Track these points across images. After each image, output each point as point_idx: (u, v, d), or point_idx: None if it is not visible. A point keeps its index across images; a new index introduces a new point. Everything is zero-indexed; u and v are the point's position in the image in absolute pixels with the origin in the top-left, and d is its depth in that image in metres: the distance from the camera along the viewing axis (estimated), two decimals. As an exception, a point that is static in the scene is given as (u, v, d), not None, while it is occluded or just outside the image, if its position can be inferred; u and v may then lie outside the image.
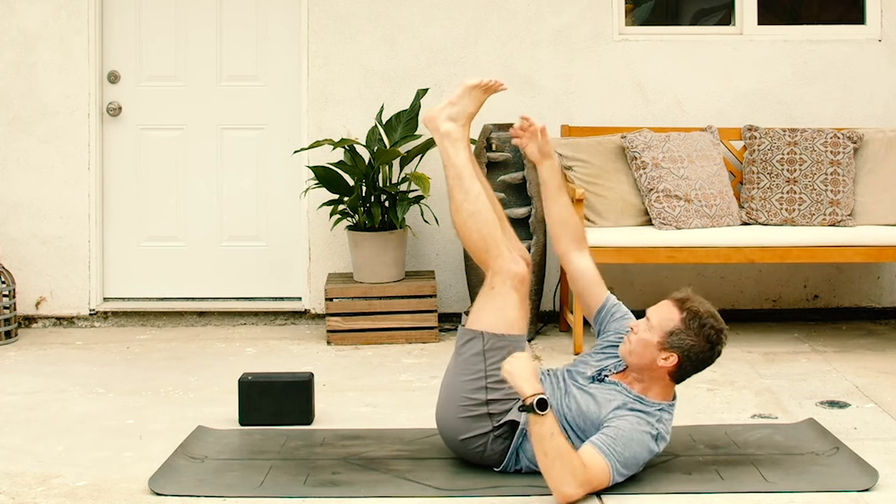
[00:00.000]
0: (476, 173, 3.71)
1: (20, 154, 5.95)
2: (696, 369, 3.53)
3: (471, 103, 3.75)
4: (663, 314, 3.50)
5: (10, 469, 3.69)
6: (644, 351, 3.49)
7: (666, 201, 5.46)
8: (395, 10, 5.96)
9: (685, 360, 3.48)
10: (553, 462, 3.27)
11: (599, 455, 3.35)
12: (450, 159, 3.69)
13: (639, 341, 3.50)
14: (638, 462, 3.43)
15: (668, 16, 6.41)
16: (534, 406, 3.27)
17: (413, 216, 5.85)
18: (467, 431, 3.55)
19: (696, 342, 3.46)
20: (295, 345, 5.54)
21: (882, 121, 5.96)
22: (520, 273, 3.59)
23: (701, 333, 3.46)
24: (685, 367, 3.50)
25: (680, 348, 3.46)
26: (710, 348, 3.49)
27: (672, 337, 3.46)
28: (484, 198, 3.66)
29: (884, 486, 3.47)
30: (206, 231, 6.09)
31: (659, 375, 3.51)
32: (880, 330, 5.80)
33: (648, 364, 3.50)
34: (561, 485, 3.28)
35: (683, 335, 3.46)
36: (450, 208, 3.71)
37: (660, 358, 3.47)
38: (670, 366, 3.48)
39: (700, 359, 3.50)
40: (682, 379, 3.56)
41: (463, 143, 3.72)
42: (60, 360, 5.25)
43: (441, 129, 3.73)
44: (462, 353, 3.59)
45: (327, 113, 5.96)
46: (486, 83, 3.75)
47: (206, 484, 3.52)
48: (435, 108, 3.78)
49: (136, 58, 6.05)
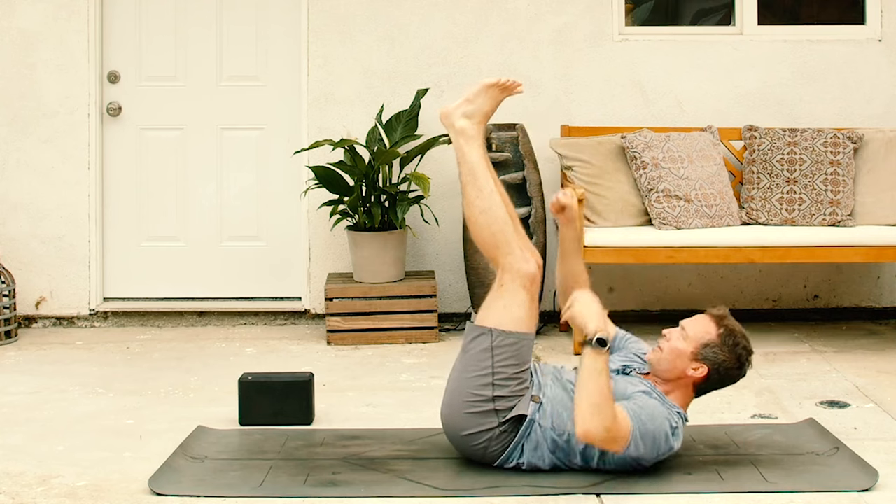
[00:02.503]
0: (490, 172, 3.73)
1: (20, 154, 5.95)
2: (720, 384, 3.64)
3: (487, 102, 3.78)
4: (700, 327, 3.61)
5: (10, 469, 3.69)
6: (676, 359, 3.59)
7: (666, 201, 5.46)
8: (395, 10, 5.96)
9: (714, 374, 3.58)
10: (591, 397, 3.35)
11: (627, 416, 3.42)
12: (464, 156, 3.72)
13: (671, 350, 3.59)
14: (655, 443, 3.47)
15: (668, 16, 6.41)
16: (593, 341, 3.37)
17: (413, 216, 5.85)
18: (472, 427, 3.56)
19: (727, 358, 3.58)
20: (295, 345, 5.54)
21: (882, 121, 5.96)
22: (530, 272, 3.61)
23: (734, 351, 3.58)
24: (712, 379, 3.60)
25: (712, 361, 3.57)
26: (738, 367, 3.61)
27: (706, 349, 3.57)
28: (497, 196, 3.68)
29: (884, 486, 3.47)
30: (206, 231, 6.09)
31: (684, 384, 3.60)
32: (880, 330, 5.80)
33: (678, 373, 3.59)
34: (587, 420, 3.35)
35: (717, 349, 3.57)
36: (462, 204, 3.72)
37: (690, 368, 3.57)
38: (699, 376, 3.58)
39: (727, 375, 3.61)
40: (704, 392, 3.66)
41: (477, 140, 3.75)
42: (60, 360, 5.25)
43: (456, 125, 3.76)
44: (469, 350, 3.60)
45: (327, 113, 5.96)
46: (504, 82, 3.78)
47: (205, 484, 3.52)
48: (451, 104, 3.81)
49: (136, 58, 6.05)
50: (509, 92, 3.80)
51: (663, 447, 3.49)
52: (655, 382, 3.62)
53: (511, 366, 3.55)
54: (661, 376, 3.62)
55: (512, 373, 3.55)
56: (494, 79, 3.79)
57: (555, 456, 3.54)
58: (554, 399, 3.56)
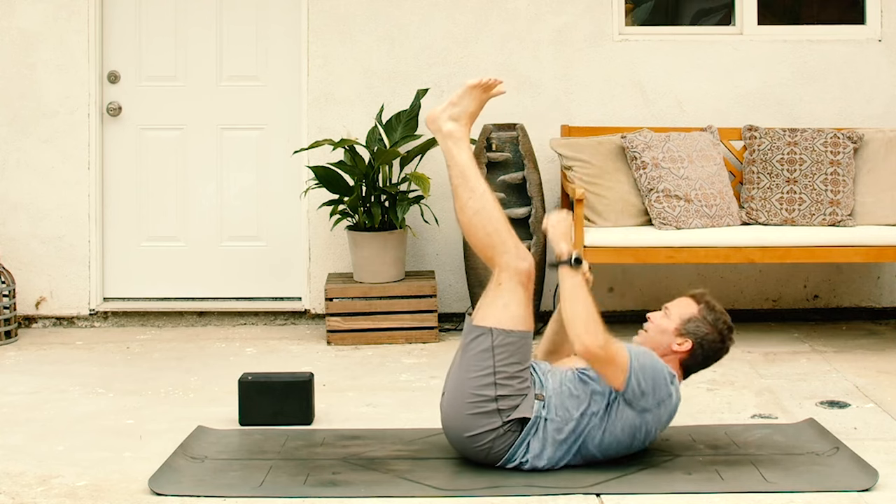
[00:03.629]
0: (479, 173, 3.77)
1: (20, 154, 5.95)
2: (705, 360, 3.73)
3: (472, 103, 3.81)
4: (681, 304, 3.74)
5: (10, 469, 3.69)
6: (661, 336, 3.70)
7: (666, 201, 5.46)
8: (395, 10, 5.96)
9: (697, 348, 3.68)
10: (581, 311, 3.50)
11: (623, 346, 3.55)
12: (453, 159, 3.75)
13: (656, 328, 3.72)
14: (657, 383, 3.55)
15: (667, 16, 6.41)
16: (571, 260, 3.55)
17: (413, 216, 5.85)
18: (476, 428, 3.56)
19: (709, 331, 3.69)
20: (295, 345, 5.54)
21: (882, 121, 5.95)
22: (526, 269, 3.64)
23: (715, 325, 3.69)
24: (696, 354, 3.69)
25: (695, 335, 3.68)
26: (720, 340, 3.70)
27: (689, 324, 3.69)
28: (489, 195, 3.71)
29: (884, 486, 3.47)
30: (206, 231, 6.09)
31: (671, 361, 3.67)
32: (880, 330, 5.80)
33: (663, 349, 3.68)
34: (582, 336, 3.48)
35: (699, 323, 3.68)
36: (454, 207, 3.75)
37: (675, 343, 3.67)
38: (684, 351, 3.68)
39: (711, 349, 3.71)
40: (690, 371, 3.73)
41: (465, 142, 3.79)
42: (60, 360, 5.25)
43: (443, 129, 3.78)
44: (469, 350, 3.60)
45: (327, 113, 5.96)
46: (487, 82, 3.80)
47: (205, 484, 3.52)
48: (437, 109, 3.83)
49: (136, 58, 6.05)
50: (492, 90, 3.83)
51: (664, 390, 3.56)
52: None
53: (512, 364, 3.55)
54: None
55: (514, 371, 3.56)
56: (477, 79, 3.82)
57: (559, 450, 3.54)
58: (556, 392, 3.58)
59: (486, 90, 3.81)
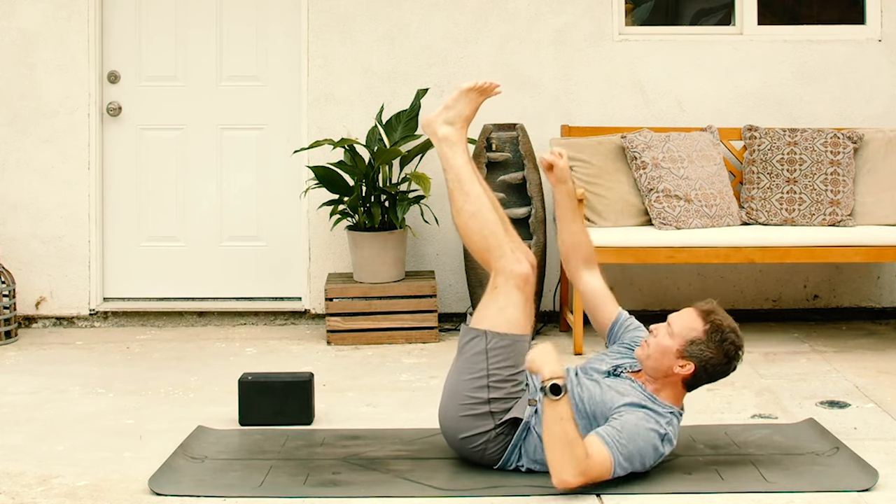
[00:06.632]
0: (476, 176, 3.76)
1: (20, 154, 5.95)
2: (709, 380, 3.58)
3: (466, 106, 3.80)
4: (686, 322, 3.54)
5: (10, 469, 3.69)
6: (662, 357, 3.53)
7: (666, 201, 5.46)
8: (395, 10, 5.96)
9: (700, 370, 3.52)
10: (557, 445, 3.31)
11: (603, 447, 3.37)
12: (448, 162, 3.74)
13: (657, 346, 3.54)
14: (643, 458, 3.44)
15: (668, 16, 6.41)
16: (547, 389, 3.32)
17: (413, 216, 5.85)
18: (468, 430, 3.56)
19: (714, 355, 3.51)
20: (295, 345, 5.54)
21: (882, 121, 5.96)
22: (523, 273, 3.61)
23: (721, 348, 3.51)
24: (699, 376, 3.54)
25: (698, 359, 3.50)
26: (726, 363, 3.53)
27: (692, 346, 3.50)
28: (485, 198, 3.70)
29: (884, 486, 3.47)
30: (206, 231, 6.09)
31: (672, 381, 3.55)
32: (880, 330, 5.80)
33: (665, 371, 3.53)
34: (561, 470, 3.32)
35: (703, 346, 3.50)
36: (451, 211, 3.73)
37: (676, 365, 3.51)
38: (686, 373, 3.52)
39: (715, 371, 3.54)
40: (694, 387, 3.60)
41: (461, 145, 3.77)
42: (60, 360, 5.25)
43: (439, 133, 3.78)
44: (464, 352, 3.60)
45: (327, 113, 5.96)
46: (481, 85, 3.80)
47: (205, 484, 3.52)
48: (432, 113, 3.83)
49: (136, 58, 6.05)
50: (487, 94, 3.81)
51: (652, 458, 3.47)
52: (645, 381, 3.58)
53: (506, 367, 3.55)
54: (649, 374, 3.58)
55: (507, 374, 3.55)
56: (471, 82, 3.81)
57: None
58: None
59: (481, 93, 3.80)
